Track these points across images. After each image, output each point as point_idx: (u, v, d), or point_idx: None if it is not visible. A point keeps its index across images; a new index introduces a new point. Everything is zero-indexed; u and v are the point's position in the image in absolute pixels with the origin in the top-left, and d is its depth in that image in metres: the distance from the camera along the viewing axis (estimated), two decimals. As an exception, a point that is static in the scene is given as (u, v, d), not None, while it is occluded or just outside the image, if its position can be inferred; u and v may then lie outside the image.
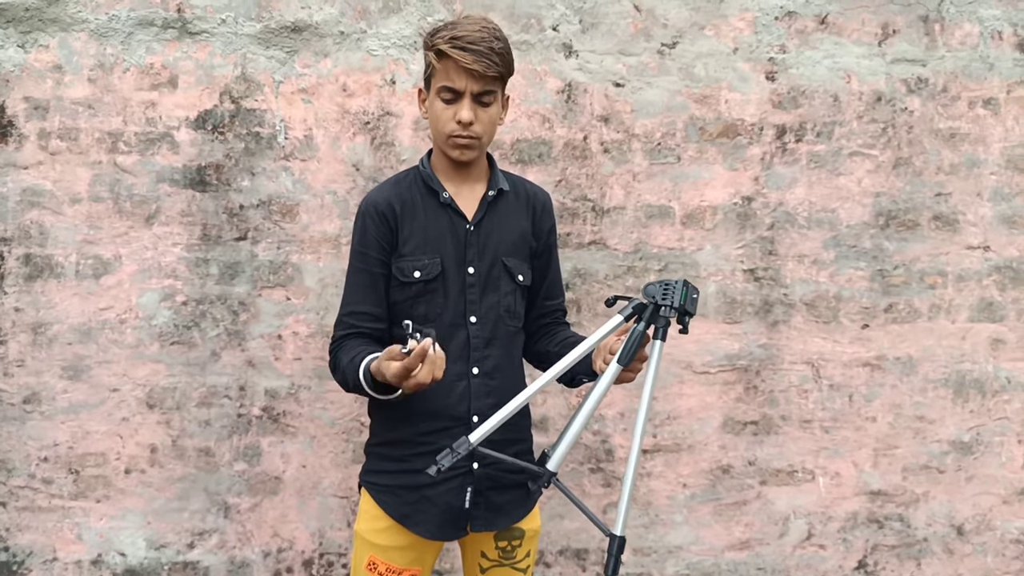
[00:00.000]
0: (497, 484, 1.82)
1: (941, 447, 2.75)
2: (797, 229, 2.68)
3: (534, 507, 1.91)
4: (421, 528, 1.79)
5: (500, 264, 1.83)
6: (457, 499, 1.78)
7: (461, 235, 1.81)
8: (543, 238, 1.93)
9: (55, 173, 2.49)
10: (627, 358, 1.66)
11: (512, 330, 1.86)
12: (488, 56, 1.70)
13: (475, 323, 1.80)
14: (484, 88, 1.74)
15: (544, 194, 1.97)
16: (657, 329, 1.68)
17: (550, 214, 1.96)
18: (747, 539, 2.73)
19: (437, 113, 1.77)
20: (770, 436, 2.71)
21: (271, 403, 2.57)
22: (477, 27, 1.72)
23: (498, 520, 1.83)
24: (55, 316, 2.51)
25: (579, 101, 2.61)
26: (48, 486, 2.54)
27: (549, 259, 1.97)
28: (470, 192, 1.85)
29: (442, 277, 1.79)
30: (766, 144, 2.66)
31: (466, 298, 1.80)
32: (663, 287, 1.68)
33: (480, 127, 1.76)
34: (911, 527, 2.76)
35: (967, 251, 2.72)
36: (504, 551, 1.85)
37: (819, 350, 2.70)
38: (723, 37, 2.64)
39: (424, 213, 1.81)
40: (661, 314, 1.67)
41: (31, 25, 2.46)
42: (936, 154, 2.70)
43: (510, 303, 1.84)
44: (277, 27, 2.52)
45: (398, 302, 1.82)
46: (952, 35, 2.69)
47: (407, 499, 1.80)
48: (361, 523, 1.84)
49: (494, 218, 1.85)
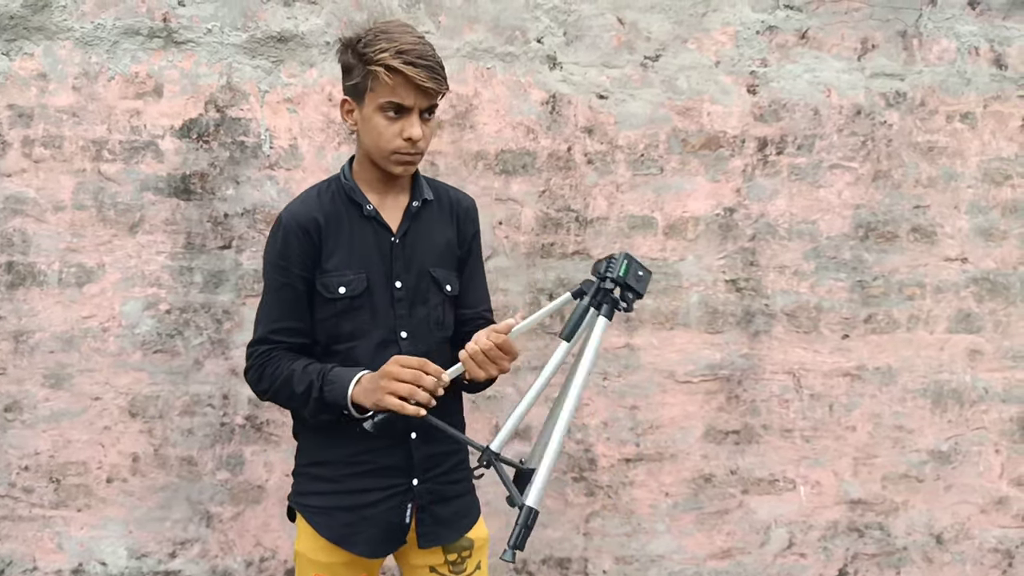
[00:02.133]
0: (440, 497, 1.78)
1: (920, 456, 2.78)
2: (778, 240, 2.71)
3: (479, 517, 1.87)
4: (360, 548, 1.74)
5: (428, 276, 1.77)
6: (396, 516, 1.74)
7: (386, 248, 1.75)
8: (467, 245, 1.87)
9: (39, 181, 2.49)
10: (569, 332, 1.57)
11: (442, 341, 1.80)
12: (439, 72, 1.64)
13: (406, 338, 1.74)
14: (431, 103, 1.69)
15: (468, 200, 1.90)
16: (601, 304, 1.60)
17: (474, 221, 1.89)
18: (729, 548, 2.74)
19: (379, 129, 1.67)
20: (752, 445, 2.73)
21: (254, 412, 2.57)
22: (414, 38, 1.65)
23: (445, 533, 1.79)
24: (37, 324, 2.50)
25: (563, 112, 2.63)
26: (29, 495, 2.53)
27: (473, 267, 1.90)
28: (394, 203, 1.78)
29: (368, 293, 1.72)
30: (748, 156, 2.69)
31: (395, 312, 1.74)
32: (608, 262, 1.63)
33: (424, 142, 1.70)
34: (891, 536, 2.78)
35: (945, 263, 2.76)
36: (454, 564, 1.81)
37: (800, 360, 2.73)
38: (705, 50, 2.67)
39: (348, 227, 1.74)
40: (602, 286, 1.60)
41: (16, 33, 2.46)
42: (914, 167, 2.74)
43: (439, 315, 1.78)
44: (263, 37, 2.53)
45: (322, 319, 1.73)
46: (930, 50, 2.73)
47: (344, 520, 1.74)
48: (301, 543, 1.79)
49: (419, 229, 1.78)
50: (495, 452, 1.58)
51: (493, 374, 1.64)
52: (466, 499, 1.86)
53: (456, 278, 1.83)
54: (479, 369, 1.62)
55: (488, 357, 1.61)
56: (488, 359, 1.61)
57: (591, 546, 2.70)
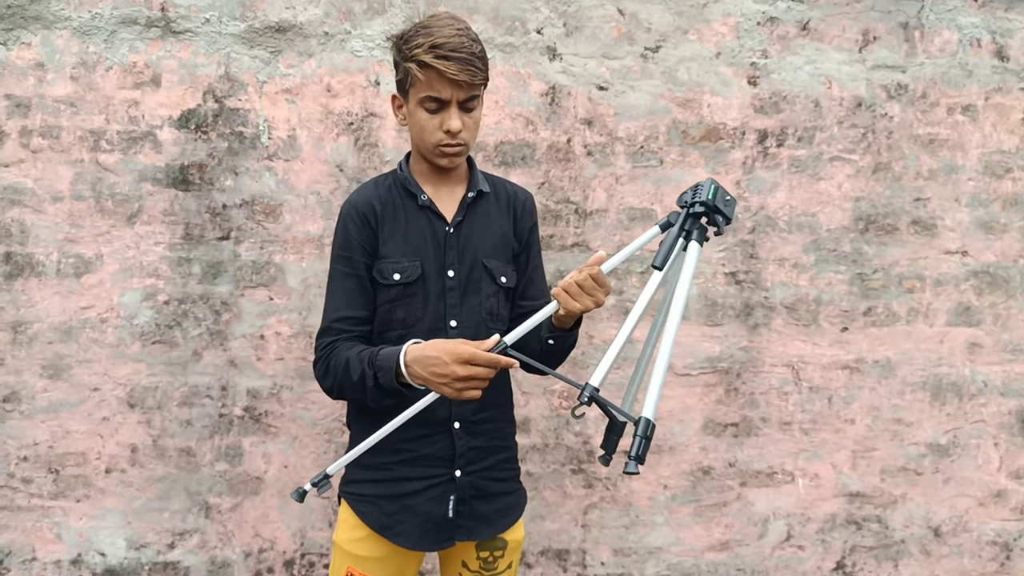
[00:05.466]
0: (482, 493, 1.79)
1: (918, 449, 2.78)
2: (778, 233, 2.70)
3: (519, 519, 1.87)
4: (402, 539, 1.76)
5: (481, 266, 1.80)
6: (439, 508, 1.76)
7: (440, 238, 1.78)
8: (524, 238, 1.90)
9: (36, 171, 2.48)
10: (662, 260, 1.57)
11: (495, 332, 1.79)
12: (472, 63, 1.66)
13: (455, 327, 1.77)
14: (470, 95, 1.71)
15: (526, 194, 1.93)
16: (690, 232, 1.61)
17: (531, 214, 1.92)
18: (727, 540, 2.75)
19: (422, 123, 1.72)
20: (750, 438, 2.73)
21: (253, 403, 2.57)
22: (452, 31, 1.66)
23: (481, 530, 1.80)
24: (35, 315, 2.50)
25: (563, 104, 2.62)
26: (28, 485, 2.53)
27: (534, 260, 1.93)
28: (449, 194, 1.83)
29: (421, 280, 1.76)
30: (748, 148, 2.68)
31: (446, 302, 1.77)
32: (694, 189, 1.63)
33: (467, 133, 1.73)
34: (889, 528, 2.78)
35: (945, 256, 2.75)
36: (485, 562, 1.82)
37: (799, 353, 2.73)
38: (706, 42, 2.66)
39: (404, 216, 1.79)
40: (692, 212, 1.61)
41: (13, 23, 2.45)
42: (915, 159, 2.73)
43: (492, 305, 1.81)
44: (261, 27, 2.52)
45: (377, 306, 1.79)
46: (932, 42, 2.72)
47: (387, 509, 1.77)
48: (340, 533, 1.82)
49: (474, 220, 1.82)
50: (595, 387, 1.54)
51: (589, 306, 1.63)
52: (509, 498, 1.86)
53: (512, 270, 1.86)
54: (574, 301, 1.61)
55: (583, 288, 1.61)
56: (583, 290, 1.61)
57: (589, 538, 2.71)
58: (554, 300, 1.64)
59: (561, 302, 1.63)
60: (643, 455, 1.44)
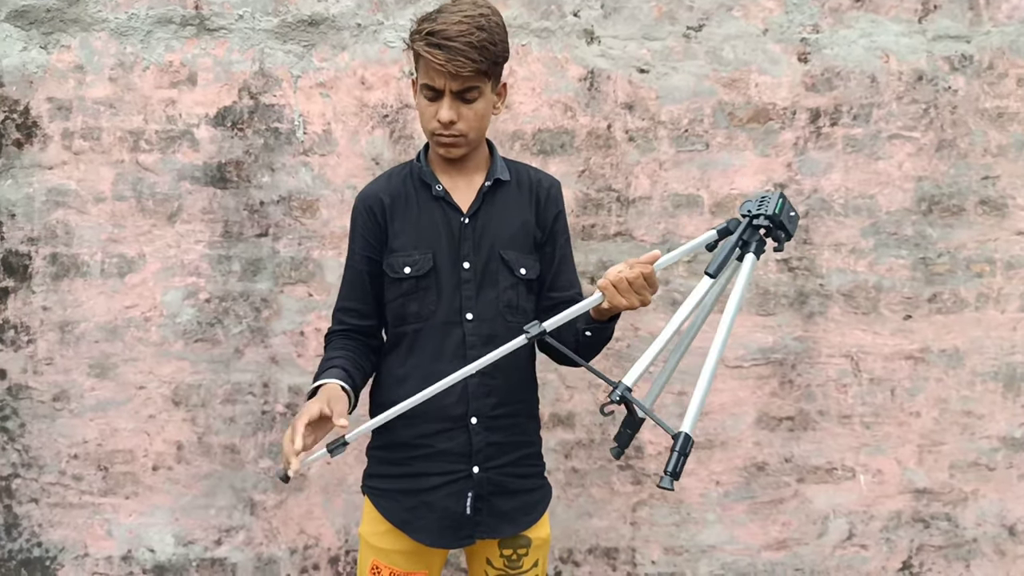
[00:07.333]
0: (502, 490, 1.74)
1: (991, 443, 2.61)
2: (833, 217, 2.57)
3: (542, 516, 1.82)
4: (421, 535, 1.73)
5: (498, 257, 1.73)
6: (457, 504, 1.72)
7: (455, 229, 1.73)
8: (548, 227, 1.81)
9: (79, 173, 2.51)
10: (716, 269, 1.51)
11: (516, 326, 1.70)
12: (463, 53, 1.58)
13: (471, 320, 1.72)
14: (464, 86, 1.63)
15: (551, 180, 1.85)
16: (748, 243, 1.54)
17: (556, 202, 1.83)
18: (784, 539, 2.63)
19: (421, 110, 1.70)
20: (807, 432, 2.61)
21: (295, 400, 2.56)
22: (458, 18, 1.59)
23: (503, 527, 1.76)
24: (82, 314, 2.53)
25: (602, 88, 2.54)
26: (78, 483, 2.57)
27: (562, 249, 1.84)
28: (467, 184, 1.77)
29: (434, 273, 1.71)
30: (799, 129, 2.55)
31: (461, 294, 1.72)
32: (760, 200, 1.56)
33: (464, 124, 1.66)
34: (959, 527, 2.63)
35: (1017, 237, 2.58)
36: (509, 560, 1.78)
37: (858, 342, 2.59)
38: (752, 18, 2.53)
39: (417, 207, 1.74)
40: (756, 223, 1.53)
41: (52, 26, 2.48)
42: (982, 135, 2.56)
43: (511, 298, 1.74)
44: (294, 21, 2.50)
45: (390, 301, 1.75)
46: (998, 8, 2.54)
47: (406, 504, 1.74)
48: (364, 526, 1.81)
49: (491, 210, 1.75)
50: (628, 387, 1.47)
51: (635, 304, 1.57)
52: (531, 495, 1.80)
53: (534, 261, 1.78)
54: (620, 297, 1.55)
55: (632, 286, 1.55)
56: (632, 288, 1.55)
57: (639, 536, 2.62)
58: (599, 292, 1.57)
59: (608, 296, 1.56)
60: (679, 472, 1.39)
